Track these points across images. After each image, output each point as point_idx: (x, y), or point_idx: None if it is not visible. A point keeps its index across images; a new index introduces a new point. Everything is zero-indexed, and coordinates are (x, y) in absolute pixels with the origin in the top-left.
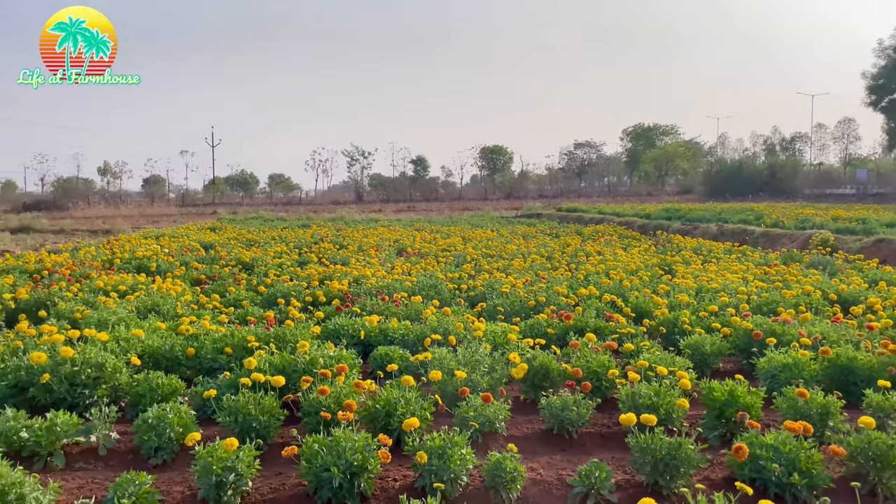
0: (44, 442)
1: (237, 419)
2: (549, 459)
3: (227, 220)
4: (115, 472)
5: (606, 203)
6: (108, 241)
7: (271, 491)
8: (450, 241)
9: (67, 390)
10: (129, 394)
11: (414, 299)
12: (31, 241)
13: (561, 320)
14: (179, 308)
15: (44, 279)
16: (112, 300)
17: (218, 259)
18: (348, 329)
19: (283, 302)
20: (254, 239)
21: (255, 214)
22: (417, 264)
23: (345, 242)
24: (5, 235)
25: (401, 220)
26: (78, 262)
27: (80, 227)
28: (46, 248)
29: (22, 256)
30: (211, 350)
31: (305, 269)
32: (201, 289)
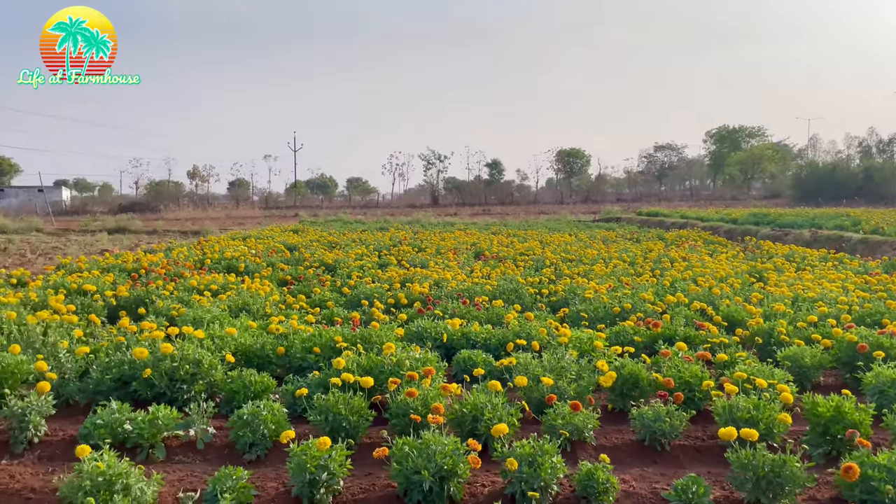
0: (146, 434)
1: (327, 418)
2: (640, 471)
3: (308, 222)
4: (213, 465)
5: (689, 207)
6: (199, 242)
7: (361, 491)
8: (528, 245)
9: (167, 385)
10: (223, 390)
11: (495, 303)
12: (127, 242)
13: (648, 328)
14: (268, 308)
15: (141, 278)
16: (205, 299)
17: (302, 260)
18: (431, 332)
19: (367, 304)
20: (334, 241)
21: (334, 217)
22: (496, 268)
23: (423, 245)
24: (103, 236)
25: (476, 223)
26: (172, 261)
27: (171, 228)
28: (142, 248)
29: (120, 256)
30: (300, 349)
31: (386, 272)
32: (287, 289)
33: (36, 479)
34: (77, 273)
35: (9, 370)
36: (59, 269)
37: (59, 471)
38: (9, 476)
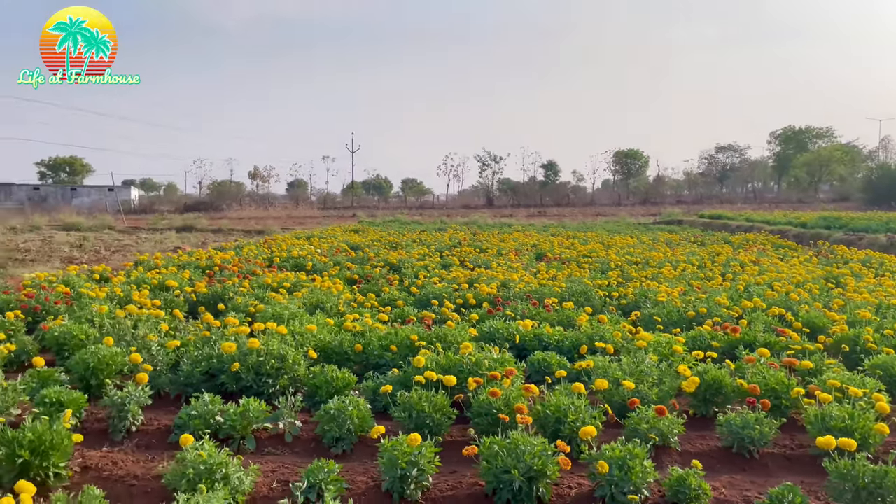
0: (238, 426)
1: (411, 415)
2: (729, 479)
3: (366, 222)
4: (301, 458)
5: (753, 210)
6: (265, 241)
7: (448, 488)
8: (590, 248)
9: (253, 379)
10: (305, 385)
11: (565, 305)
12: (194, 239)
13: (726, 333)
14: (341, 306)
15: (215, 275)
16: (281, 296)
17: (367, 260)
18: (503, 332)
19: (437, 303)
20: (395, 241)
21: (392, 218)
22: (561, 270)
23: (484, 246)
24: (172, 233)
25: (533, 224)
26: (242, 259)
27: (236, 226)
28: (212, 247)
29: (193, 253)
30: (377, 347)
31: (450, 272)
32: (356, 288)
33: (137, 467)
34: (154, 269)
35: (105, 361)
36: (137, 265)
37: (158, 459)
38: (112, 462)
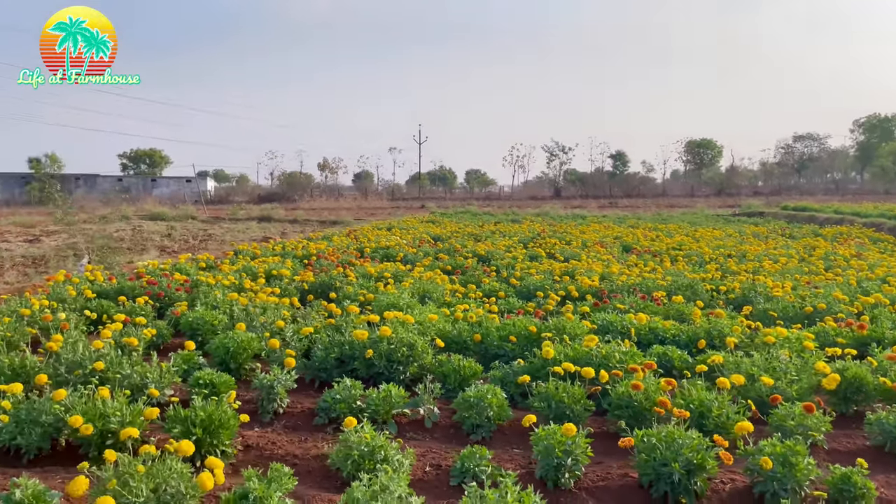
0: (381, 410)
1: (549, 405)
2: (886, 478)
3: (438, 213)
4: (442, 443)
5: (839, 202)
6: (349, 231)
7: (598, 478)
8: (677, 240)
9: (385, 366)
10: (432, 373)
11: (675, 299)
12: (274, 229)
13: (852, 329)
14: (447, 296)
15: (315, 264)
16: (391, 286)
17: (454, 250)
18: (617, 325)
19: (542, 295)
20: (474, 232)
21: (462, 209)
22: (655, 263)
23: (567, 238)
24: (252, 223)
25: (607, 216)
26: (334, 249)
27: (311, 217)
28: (300, 236)
29: (285, 243)
30: (496, 337)
31: (541, 263)
32: (455, 278)
33: (294, 447)
34: (255, 259)
35: (242, 346)
36: (237, 254)
37: (309, 440)
38: (270, 442)
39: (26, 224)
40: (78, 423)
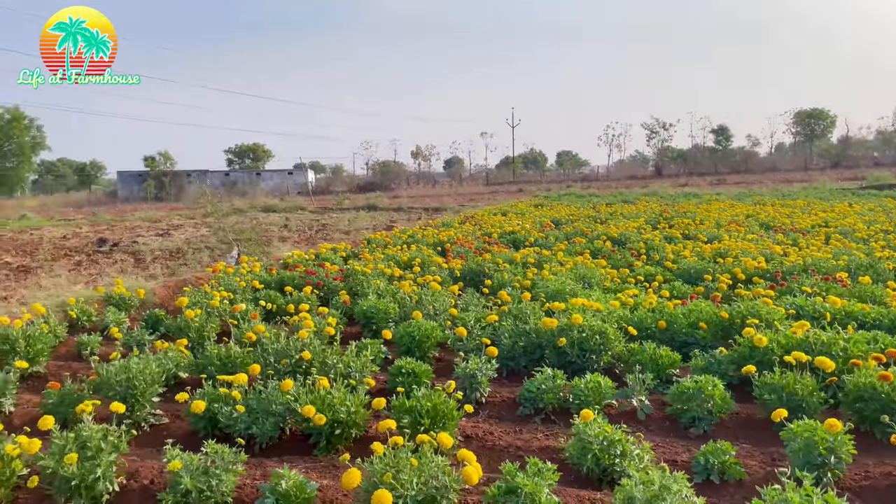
0: (589, 401)
1: (780, 397)
2: None
3: (542, 196)
4: (662, 437)
5: None
6: (464, 218)
7: (861, 478)
8: (821, 217)
9: (578, 354)
10: (624, 362)
11: (862, 280)
12: (381, 218)
13: None
14: (607, 281)
15: (451, 251)
16: (545, 271)
17: (581, 233)
18: (808, 309)
19: (710, 278)
20: (590, 214)
21: (565, 191)
22: (801, 240)
23: (698, 218)
24: (362, 213)
25: (720, 193)
26: (464, 236)
27: (413, 204)
28: (420, 223)
29: (406, 231)
30: (685, 324)
31: (682, 245)
32: (604, 262)
33: (511, 437)
34: (388, 247)
35: (426, 334)
36: (369, 243)
37: (523, 430)
38: (486, 433)
39: (152, 219)
40: (311, 413)
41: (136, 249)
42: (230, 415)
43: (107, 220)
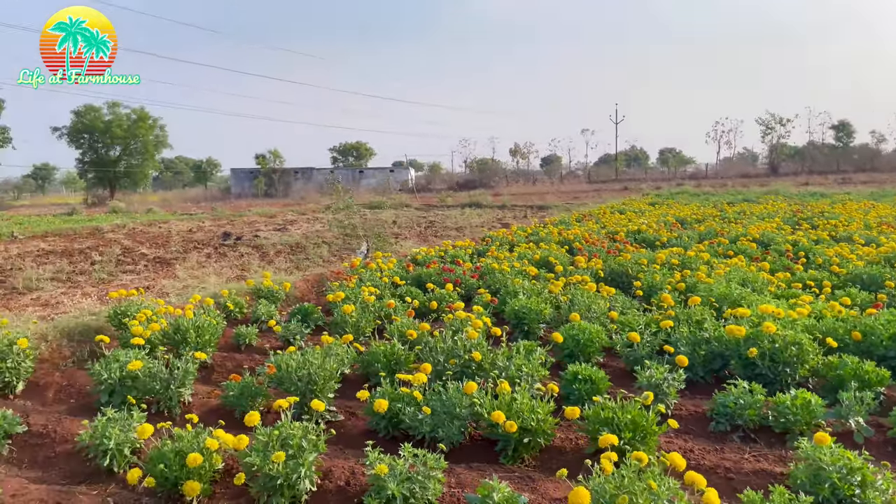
0: (798, 420)
1: None
2: None
3: (653, 194)
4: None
5: None
6: (580, 216)
7: None
8: None
9: (770, 367)
10: (821, 377)
11: None
12: (487, 216)
13: None
14: (772, 286)
15: (583, 250)
16: (701, 273)
17: (713, 233)
18: None
19: (894, 285)
20: (713, 213)
21: (676, 189)
22: None
23: (843, 219)
24: (468, 210)
25: (850, 193)
26: (590, 234)
27: (517, 202)
28: (536, 221)
29: (524, 229)
30: (885, 336)
31: (836, 248)
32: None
33: (715, 457)
34: (514, 246)
35: (590, 338)
36: (493, 241)
37: (726, 450)
38: (686, 451)
39: (267, 214)
40: (500, 420)
41: (259, 243)
42: (415, 416)
43: (226, 215)
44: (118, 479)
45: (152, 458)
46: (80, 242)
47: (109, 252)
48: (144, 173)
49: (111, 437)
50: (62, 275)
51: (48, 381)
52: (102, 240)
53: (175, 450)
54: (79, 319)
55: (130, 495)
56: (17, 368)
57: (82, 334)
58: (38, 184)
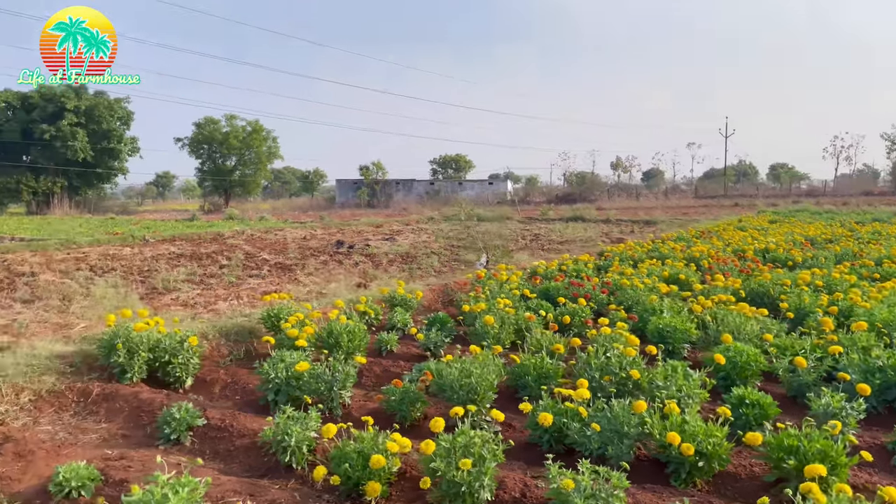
0: None
1: None
2: None
3: (770, 212)
4: None
5: None
6: (698, 232)
7: None
8: None
9: None
10: None
11: None
12: (592, 230)
13: None
14: None
15: (714, 268)
16: (855, 294)
17: (850, 254)
18: None
19: None
20: (845, 233)
21: (796, 207)
22: None
23: None
24: (576, 225)
25: None
26: (717, 252)
27: (622, 217)
28: (651, 237)
29: (640, 244)
30: None
31: None
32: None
33: None
34: (639, 262)
35: (748, 361)
36: (616, 256)
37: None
38: (874, 486)
39: (374, 224)
40: (675, 441)
41: (370, 252)
42: (582, 432)
43: (335, 224)
44: (297, 474)
45: (335, 457)
46: (206, 247)
47: (235, 257)
48: (257, 182)
49: (292, 434)
50: (195, 277)
51: (213, 377)
52: (225, 245)
53: (356, 450)
54: (234, 320)
55: (310, 491)
56: (187, 364)
57: (238, 334)
58: (159, 190)
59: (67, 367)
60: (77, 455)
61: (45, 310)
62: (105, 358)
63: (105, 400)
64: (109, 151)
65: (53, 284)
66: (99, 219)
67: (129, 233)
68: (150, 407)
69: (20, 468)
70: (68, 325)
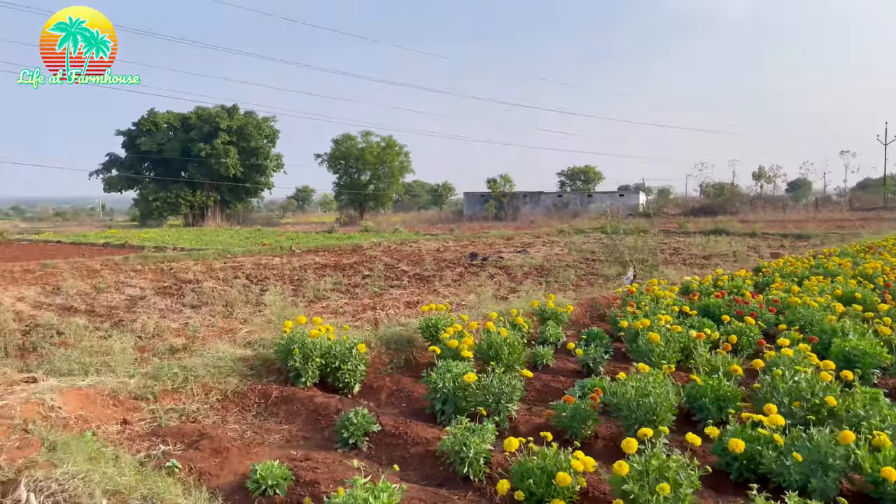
0: None
1: None
2: None
3: None
4: None
5: None
6: (865, 248)
7: None
8: None
9: None
10: None
11: None
12: (742, 244)
13: None
14: None
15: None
16: None
17: None
18: None
19: None
20: None
21: None
22: None
23: None
24: (720, 238)
25: None
26: (891, 267)
27: (768, 230)
28: (809, 253)
29: (799, 259)
30: None
31: None
32: None
33: None
34: (804, 279)
35: None
36: (776, 272)
37: None
38: None
39: (505, 236)
40: (892, 477)
41: (504, 264)
42: (780, 461)
43: (466, 237)
44: (474, 486)
45: (517, 472)
46: (347, 258)
47: (376, 268)
48: (389, 196)
49: (470, 445)
50: (341, 286)
51: (379, 384)
52: (364, 256)
53: (539, 466)
54: (392, 329)
55: None
56: (355, 371)
57: (397, 343)
58: (299, 204)
59: (248, 369)
60: (265, 454)
61: (210, 315)
62: (282, 362)
63: (283, 402)
64: (257, 167)
65: (216, 291)
66: (247, 230)
67: (277, 244)
68: (326, 411)
69: (217, 464)
70: (233, 329)
